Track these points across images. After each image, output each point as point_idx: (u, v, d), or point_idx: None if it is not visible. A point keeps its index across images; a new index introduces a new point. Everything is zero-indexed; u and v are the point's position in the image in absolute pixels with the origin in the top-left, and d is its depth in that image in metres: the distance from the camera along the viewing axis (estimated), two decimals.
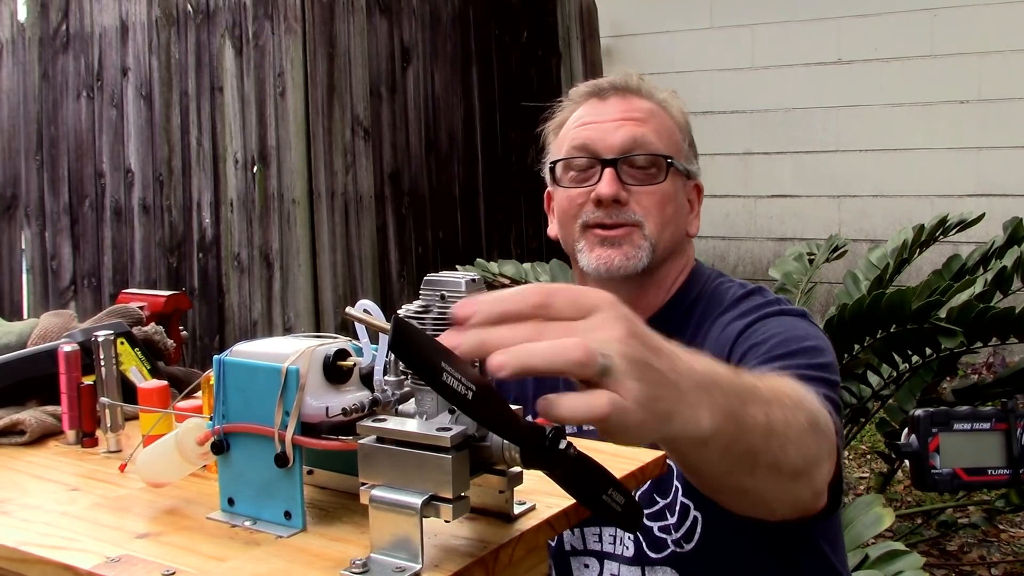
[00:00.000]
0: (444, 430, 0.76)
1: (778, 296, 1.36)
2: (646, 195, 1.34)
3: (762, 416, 0.81)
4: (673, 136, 1.39)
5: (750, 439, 0.80)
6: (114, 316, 1.37)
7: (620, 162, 1.34)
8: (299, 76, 4.18)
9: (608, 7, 5.58)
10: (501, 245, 4.88)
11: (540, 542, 0.86)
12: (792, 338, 1.22)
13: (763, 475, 0.85)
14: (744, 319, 1.28)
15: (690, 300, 1.39)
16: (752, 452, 0.81)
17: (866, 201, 5.24)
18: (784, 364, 1.15)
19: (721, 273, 1.44)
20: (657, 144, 1.35)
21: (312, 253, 4.23)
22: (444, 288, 0.81)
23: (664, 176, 1.35)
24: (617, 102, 1.38)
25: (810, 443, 0.89)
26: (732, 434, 0.77)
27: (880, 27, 5.12)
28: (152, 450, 0.95)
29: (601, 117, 1.38)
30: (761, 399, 0.83)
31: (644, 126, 1.36)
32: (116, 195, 4.70)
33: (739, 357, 1.23)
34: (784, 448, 0.85)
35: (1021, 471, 1.01)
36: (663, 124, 1.38)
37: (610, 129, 1.35)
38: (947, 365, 2.87)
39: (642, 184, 1.34)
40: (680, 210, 1.39)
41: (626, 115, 1.37)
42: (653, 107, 1.39)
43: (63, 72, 4.80)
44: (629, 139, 1.34)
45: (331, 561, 0.80)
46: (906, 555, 1.82)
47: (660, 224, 1.34)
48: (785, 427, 0.84)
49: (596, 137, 1.36)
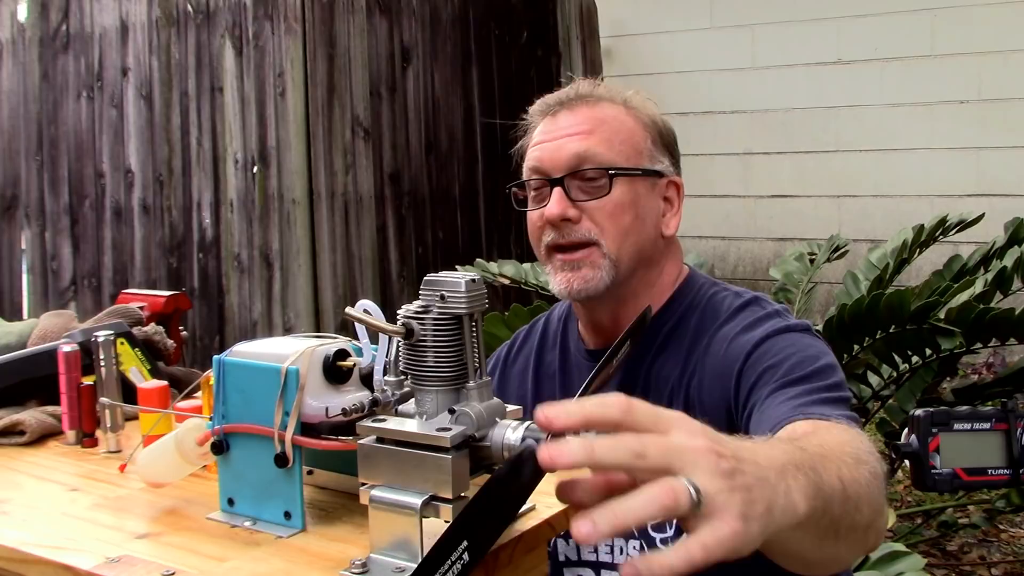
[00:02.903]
0: (444, 430, 0.76)
1: (777, 307, 1.34)
2: (597, 209, 1.31)
3: (837, 483, 0.81)
4: (631, 139, 1.35)
5: (833, 508, 0.79)
6: (114, 316, 1.37)
7: (567, 178, 1.32)
8: (299, 76, 4.18)
9: (608, 7, 5.58)
10: (501, 245, 4.88)
11: (540, 542, 0.86)
12: (806, 359, 1.21)
13: (844, 537, 0.84)
14: (749, 335, 1.27)
15: (684, 308, 1.38)
16: (835, 520, 0.80)
17: (866, 201, 5.24)
18: (803, 388, 1.15)
19: (715, 281, 1.43)
20: (605, 152, 1.32)
21: (312, 253, 4.22)
22: (444, 288, 0.81)
23: (610, 187, 1.32)
24: (565, 117, 1.36)
25: (876, 494, 0.90)
26: (821, 508, 0.76)
27: (880, 27, 5.12)
28: (152, 450, 0.95)
29: (550, 135, 1.36)
30: (831, 467, 0.82)
31: (589, 138, 1.33)
32: (116, 195, 4.70)
33: (753, 379, 1.22)
34: (859, 508, 0.85)
35: (1021, 471, 1.01)
36: (617, 129, 1.35)
37: (556, 147, 1.34)
38: (947, 365, 2.87)
39: (593, 198, 1.32)
40: (644, 214, 1.35)
41: (573, 129, 1.34)
42: (606, 114, 1.36)
43: (63, 72, 4.80)
44: (573, 155, 1.32)
45: (331, 561, 0.80)
46: (907, 556, 1.82)
47: (617, 237, 1.32)
48: (856, 487, 0.84)
49: (545, 156, 1.34)
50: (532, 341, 1.52)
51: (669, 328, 1.36)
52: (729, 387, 1.25)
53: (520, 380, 1.50)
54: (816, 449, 0.84)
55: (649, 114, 1.39)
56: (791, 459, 0.76)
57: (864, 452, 0.93)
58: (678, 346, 1.34)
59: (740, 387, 1.24)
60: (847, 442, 0.94)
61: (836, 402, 1.14)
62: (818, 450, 0.85)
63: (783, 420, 1.11)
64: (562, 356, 1.48)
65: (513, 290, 3.72)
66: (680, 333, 1.35)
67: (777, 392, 1.18)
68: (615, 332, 1.38)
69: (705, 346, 1.31)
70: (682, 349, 1.34)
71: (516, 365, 1.52)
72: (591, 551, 1.36)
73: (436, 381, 0.80)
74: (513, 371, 1.52)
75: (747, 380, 1.23)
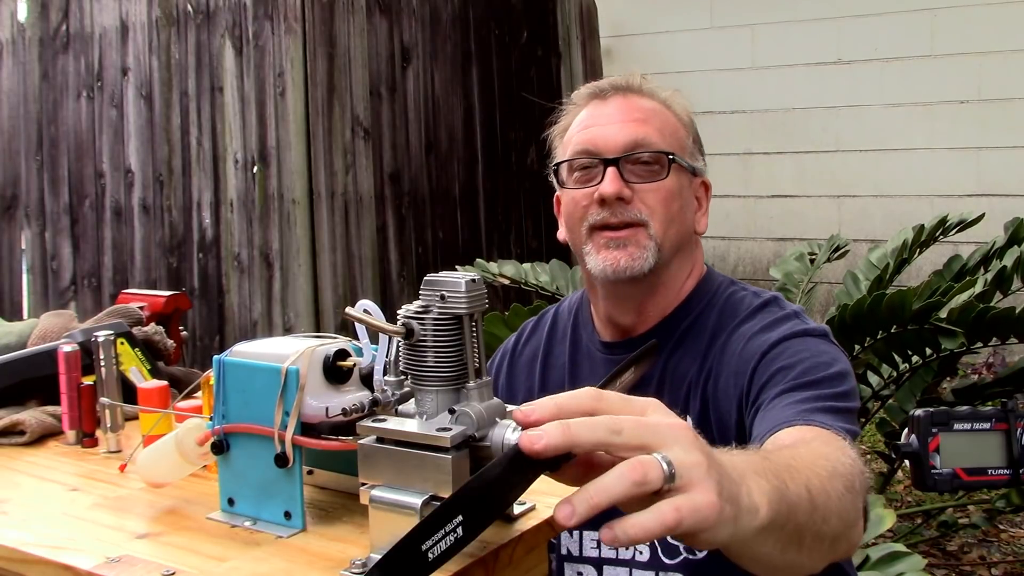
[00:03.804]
0: (444, 430, 0.76)
1: (795, 308, 1.36)
2: (650, 192, 1.34)
3: (804, 492, 0.82)
4: (677, 133, 1.39)
5: (798, 516, 0.80)
6: (114, 316, 1.37)
7: (623, 160, 1.34)
8: (299, 76, 4.18)
9: (608, 7, 5.58)
10: (501, 245, 4.87)
11: (540, 542, 0.86)
12: (819, 364, 1.23)
13: (809, 547, 0.85)
14: (767, 335, 1.28)
15: (703, 305, 1.39)
16: (799, 528, 0.81)
17: (866, 201, 5.24)
18: (811, 394, 1.17)
19: (734, 280, 1.44)
20: (659, 142, 1.36)
21: (312, 253, 4.22)
22: (444, 288, 0.81)
23: (667, 173, 1.35)
24: (619, 102, 1.39)
25: (848, 508, 0.90)
26: (785, 514, 0.77)
27: (880, 27, 5.12)
28: (152, 450, 0.95)
29: (603, 118, 1.38)
30: (800, 477, 0.83)
31: (646, 125, 1.36)
32: (116, 195, 4.70)
33: (765, 378, 1.24)
34: (826, 519, 0.85)
35: (1021, 471, 1.01)
36: (666, 122, 1.39)
37: (612, 129, 1.36)
38: (947, 365, 2.87)
39: (645, 181, 1.34)
40: (686, 207, 1.39)
41: (628, 115, 1.37)
42: (655, 106, 1.40)
43: (63, 72, 4.80)
44: (631, 138, 1.34)
45: (331, 561, 0.80)
46: (908, 556, 1.82)
47: (665, 221, 1.34)
48: (826, 499, 0.85)
49: (598, 138, 1.36)
50: (540, 333, 1.53)
51: (687, 325, 1.37)
52: (743, 385, 1.27)
53: (528, 371, 1.50)
54: (784, 460, 0.85)
55: (688, 113, 1.43)
56: (752, 466, 0.77)
57: (844, 466, 0.94)
58: (696, 343, 1.35)
59: (752, 385, 1.25)
60: (826, 455, 0.95)
61: (840, 412, 1.15)
62: (787, 461, 0.86)
63: (783, 423, 1.12)
64: (572, 348, 1.48)
65: (513, 290, 3.72)
66: (698, 330, 1.36)
67: (785, 394, 1.19)
68: (635, 325, 1.39)
69: (723, 344, 1.32)
70: (700, 346, 1.35)
71: (524, 356, 1.53)
72: (593, 547, 1.36)
73: (436, 381, 0.80)
74: (520, 362, 1.52)
75: (759, 379, 1.24)
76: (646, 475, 0.64)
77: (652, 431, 0.67)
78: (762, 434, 1.13)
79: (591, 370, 1.43)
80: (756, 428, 1.18)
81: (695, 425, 0.74)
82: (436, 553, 0.65)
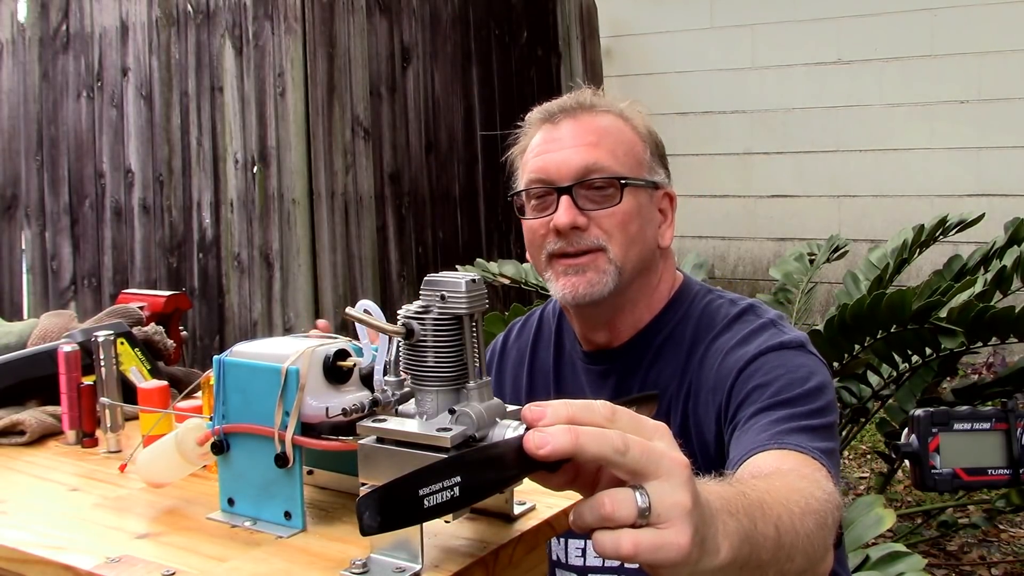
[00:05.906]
0: (444, 430, 0.76)
1: (772, 315, 1.34)
2: (605, 217, 1.32)
3: (772, 531, 0.82)
4: (633, 150, 1.36)
5: (761, 555, 0.80)
6: (114, 316, 1.37)
7: (576, 187, 1.32)
8: (299, 76, 4.18)
9: (608, 7, 5.58)
10: (501, 245, 4.88)
11: (540, 542, 0.86)
12: (795, 380, 1.22)
13: None
14: (744, 349, 1.28)
15: (679, 316, 1.38)
16: (762, 565, 0.81)
17: (866, 201, 5.24)
18: (787, 413, 1.17)
19: (711, 288, 1.43)
20: (612, 164, 1.33)
21: (312, 253, 4.23)
22: (444, 288, 0.81)
23: (620, 196, 1.32)
24: (569, 125, 1.36)
25: (816, 545, 0.90)
26: (747, 554, 0.77)
27: (880, 27, 5.12)
28: (152, 450, 0.95)
29: (554, 144, 1.35)
30: (771, 514, 0.83)
31: (597, 148, 1.33)
32: (116, 195, 4.70)
33: (742, 396, 1.23)
34: (792, 557, 0.85)
35: (1021, 471, 1.01)
36: (619, 140, 1.36)
37: (563, 155, 1.34)
38: (947, 365, 2.87)
39: (600, 207, 1.32)
40: (646, 224, 1.36)
41: (579, 139, 1.34)
42: (610, 123, 1.36)
43: (63, 72, 4.80)
44: (582, 164, 1.32)
45: (331, 561, 0.80)
46: (907, 556, 1.82)
47: (624, 244, 1.32)
48: (794, 537, 0.85)
49: (550, 165, 1.34)
50: (526, 335, 1.53)
51: (663, 337, 1.37)
52: (720, 401, 1.27)
53: (515, 373, 1.51)
54: (758, 496, 0.85)
55: (645, 125, 1.40)
56: (726, 504, 0.76)
57: (817, 501, 0.94)
58: (674, 355, 1.35)
59: (730, 402, 1.25)
60: (800, 490, 0.94)
61: (816, 430, 1.15)
62: (760, 496, 0.85)
63: (757, 447, 1.12)
64: (556, 354, 1.48)
65: (513, 290, 3.72)
66: (675, 342, 1.36)
67: (761, 413, 1.19)
68: (609, 340, 1.39)
69: (700, 358, 1.32)
70: (679, 358, 1.34)
71: (511, 357, 1.53)
72: (578, 555, 1.36)
73: (436, 381, 0.80)
74: (508, 363, 1.53)
75: (736, 396, 1.24)
76: (615, 512, 0.65)
77: (654, 460, 0.67)
78: (737, 458, 1.13)
79: (574, 379, 1.43)
80: (732, 450, 1.18)
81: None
82: (431, 503, 0.65)
